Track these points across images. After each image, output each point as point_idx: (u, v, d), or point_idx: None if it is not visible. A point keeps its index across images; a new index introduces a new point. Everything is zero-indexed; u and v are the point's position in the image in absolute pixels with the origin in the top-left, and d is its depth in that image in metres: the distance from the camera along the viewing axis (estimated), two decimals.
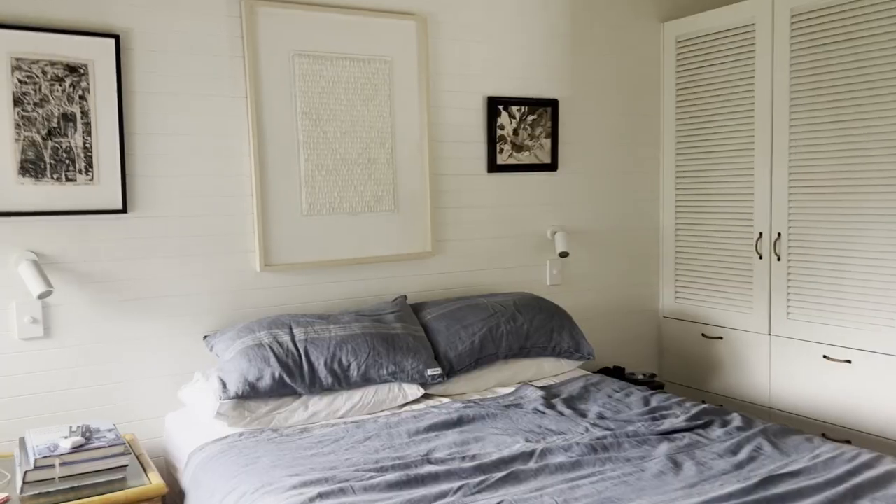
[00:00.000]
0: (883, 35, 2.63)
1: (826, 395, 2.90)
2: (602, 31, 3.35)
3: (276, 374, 2.23)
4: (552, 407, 2.35)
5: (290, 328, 2.38)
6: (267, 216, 2.62)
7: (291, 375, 2.26)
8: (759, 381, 3.16)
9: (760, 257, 3.10)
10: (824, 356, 2.89)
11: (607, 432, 2.08)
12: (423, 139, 2.91)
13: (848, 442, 2.80)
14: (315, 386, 2.29)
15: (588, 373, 2.80)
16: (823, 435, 2.88)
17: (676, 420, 2.19)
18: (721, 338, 3.31)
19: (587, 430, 2.13)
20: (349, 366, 2.33)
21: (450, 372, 2.51)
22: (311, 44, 2.67)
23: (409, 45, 2.86)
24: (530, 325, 2.70)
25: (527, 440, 2.03)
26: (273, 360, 2.26)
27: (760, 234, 3.09)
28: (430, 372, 2.42)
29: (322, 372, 2.30)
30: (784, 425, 2.16)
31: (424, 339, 2.53)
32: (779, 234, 3.02)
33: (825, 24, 2.81)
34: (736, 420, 2.18)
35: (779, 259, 3.03)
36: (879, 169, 2.67)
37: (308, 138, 2.68)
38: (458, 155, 3.02)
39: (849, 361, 2.81)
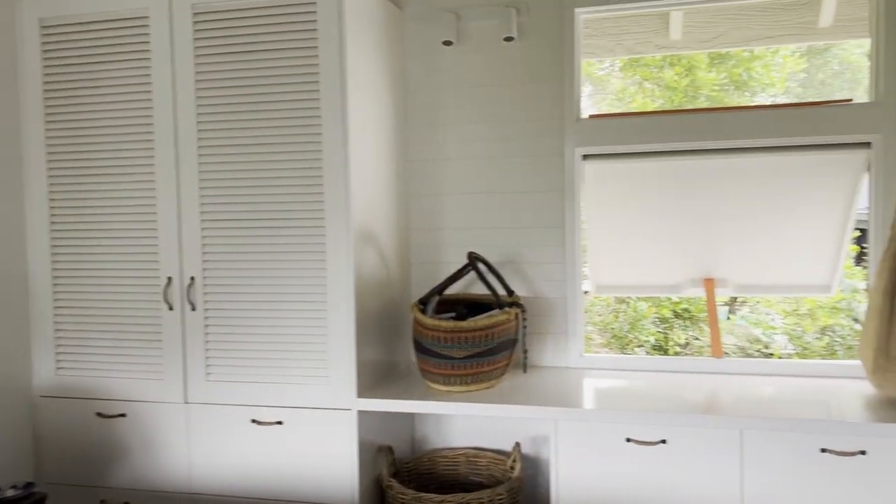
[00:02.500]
0: (288, 49, 2.34)
1: (257, 466, 2.46)
2: None
3: None
4: None
5: None
6: None
7: None
8: (176, 463, 2.52)
9: (171, 308, 2.49)
10: (253, 420, 2.45)
11: None
12: None
13: None
14: None
15: None
16: None
17: None
18: (124, 415, 2.56)
19: None
20: None
21: None
22: None
23: None
24: None
25: None
26: None
27: (169, 279, 2.48)
28: None
29: None
30: None
31: None
32: (192, 279, 2.46)
33: (232, 30, 2.39)
34: None
35: (194, 309, 2.47)
36: (295, 200, 2.37)
37: None
38: None
39: (280, 423, 2.43)
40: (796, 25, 2.91)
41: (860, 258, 5.88)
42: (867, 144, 2.49)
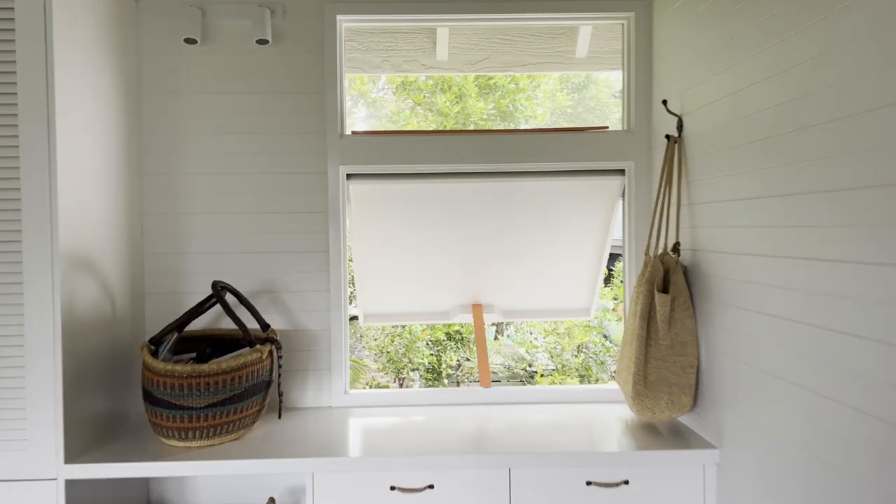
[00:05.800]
0: None
1: None
2: None
3: None
4: None
5: None
6: None
7: None
8: None
9: None
10: None
11: None
12: None
13: None
14: None
15: None
16: None
17: None
18: None
19: None
20: None
21: None
22: None
23: None
24: None
25: None
26: None
27: None
28: None
29: None
30: None
31: None
32: None
33: None
34: None
35: None
36: None
37: None
38: None
39: None
40: (555, 54, 2.95)
41: (608, 279, 6.30)
42: (622, 172, 2.55)
